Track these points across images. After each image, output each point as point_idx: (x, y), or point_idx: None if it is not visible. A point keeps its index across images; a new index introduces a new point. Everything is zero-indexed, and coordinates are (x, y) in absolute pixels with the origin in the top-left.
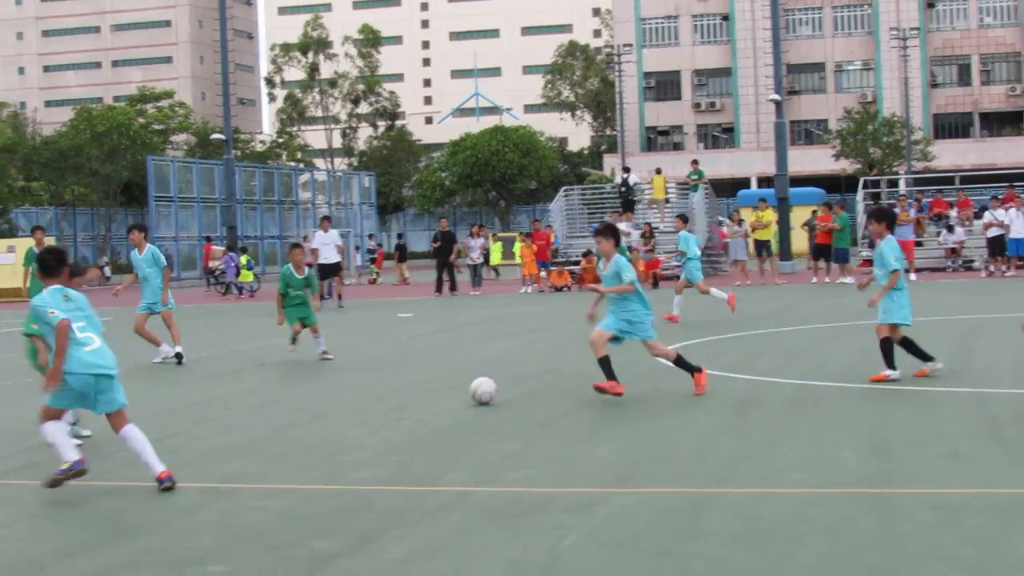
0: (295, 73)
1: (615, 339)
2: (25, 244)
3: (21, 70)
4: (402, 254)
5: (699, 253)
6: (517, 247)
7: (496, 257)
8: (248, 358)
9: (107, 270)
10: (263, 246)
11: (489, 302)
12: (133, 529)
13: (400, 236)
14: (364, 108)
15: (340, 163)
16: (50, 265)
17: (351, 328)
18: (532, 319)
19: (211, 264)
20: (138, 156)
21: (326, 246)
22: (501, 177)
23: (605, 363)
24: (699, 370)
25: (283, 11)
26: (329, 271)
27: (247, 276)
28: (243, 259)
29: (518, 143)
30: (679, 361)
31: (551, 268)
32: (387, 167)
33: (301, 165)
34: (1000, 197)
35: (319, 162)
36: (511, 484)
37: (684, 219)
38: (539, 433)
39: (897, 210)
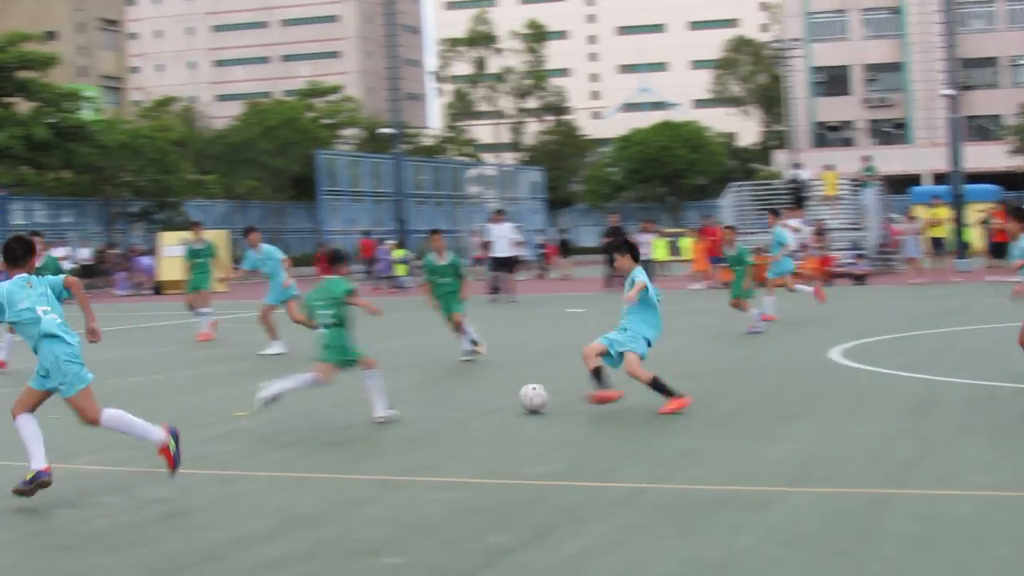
0: (462, 68)
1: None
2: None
3: (192, 65)
4: (565, 250)
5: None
6: (685, 243)
7: (660, 253)
8: (413, 352)
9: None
10: None
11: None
12: (308, 520)
13: (563, 231)
14: (531, 103)
15: (508, 158)
16: (16, 255)
17: (521, 323)
18: (702, 315)
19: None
20: (308, 150)
21: (499, 240)
22: (670, 172)
23: (655, 384)
24: (678, 396)
25: (450, 6)
26: (502, 264)
27: (401, 270)
28: (399, 253)
29: (687, 138)
30: (655, 384)
31: (722, 264)
32: (555, 162)
33: (470, 160)
34: None
35: (488, 157)
36: (685, 481)
37: (776, 214)
38: (713, 430)
39: None
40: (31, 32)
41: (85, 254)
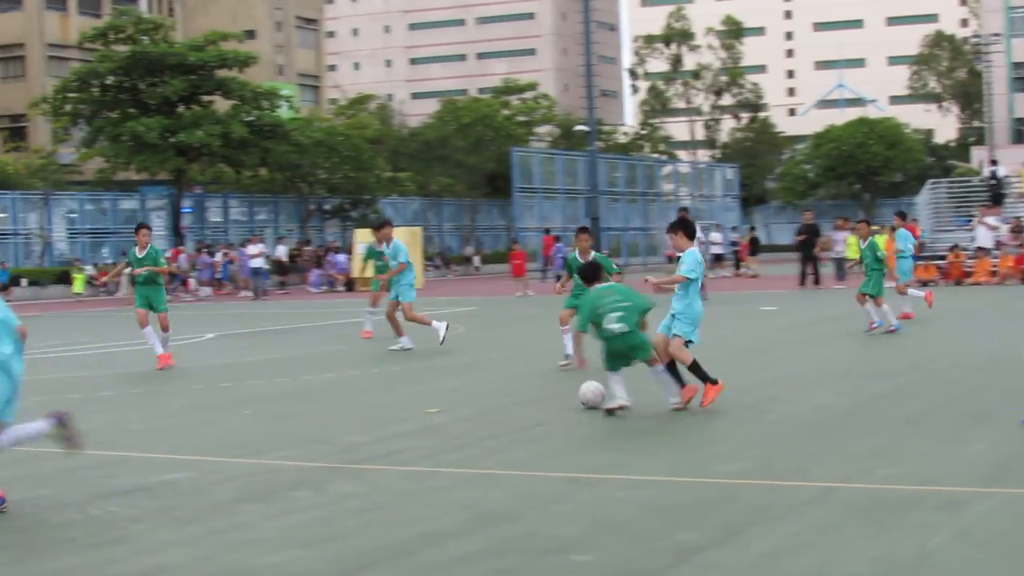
0: (658, 65)
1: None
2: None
3: (388, 63)
4: (754, 247)
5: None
6: (881, 240)
7: (854, 251)
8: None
9: (477, 260)
10: (626, 238)
11: (853, 296)
12: (498, 517)
13: (752, 229)
14: (727, 100)
15: (703, 155)
16: None
17: (713, 321)
18: (897, 313)
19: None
20: (502, 148)
21: None
22: (866, 170)
23: (694, 368)
24: (714, 382)
25: (646, 2)
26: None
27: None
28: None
29: (883, 135)
30: (694, 368)
31: (917, 262)
32: (750, 159)
33: (664, 157)
34: None
35: (682, 154)
36: (878, 481)
37: (902, 216)
38: (906, 429)
39: None
40: (230, 31)
41: (281, 251)
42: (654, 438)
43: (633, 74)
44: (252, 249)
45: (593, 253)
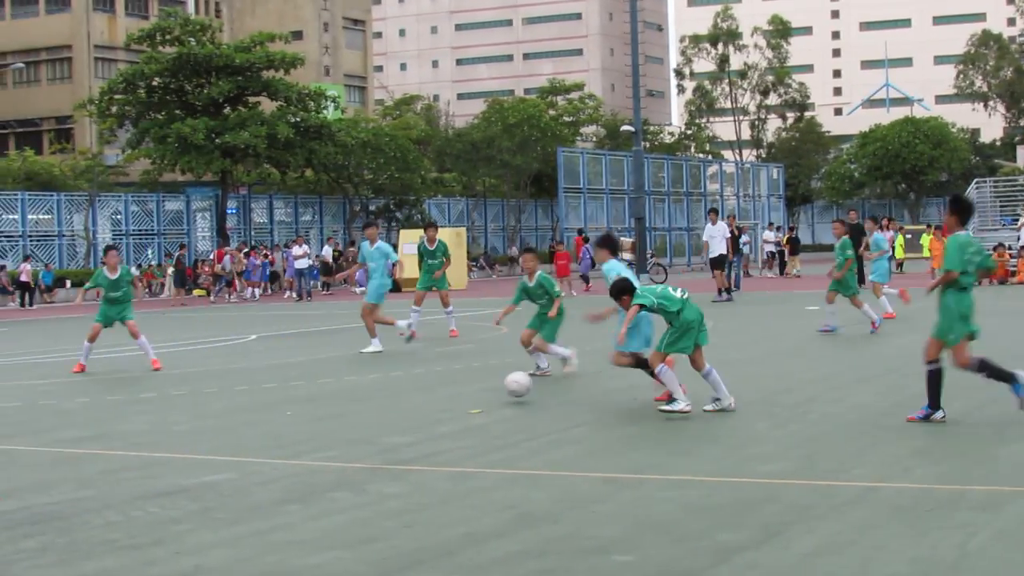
0: (704, 65)
1: None
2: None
3: (435, 63)
4: (794, 247)
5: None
6: (926, 240)
7: (900, 251)
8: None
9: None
10: (671, 237)
11: (897, 296)
12: (539, 517)
13: (792, 229)
14: (773, 99)
15: (748, 155)
16: None
17: (756, 320)
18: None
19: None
20: (548, 148)
21: (713, 239)
22: (911, 169)
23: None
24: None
25: (693, 2)
26: (716, 263)
27: None
28: None
29: (929, 134)
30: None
31: None
32: (796, 159)
33: (709, 157)
34: None
35: (727, 153)
36: (919, 480)
37: (875, 220)
38: (947, 429)
39: None
40: (277, 32)
41: (326, 252)
42: (694, 438)
43: (679, 74)
44: (297, 250)
45: (538, 273)
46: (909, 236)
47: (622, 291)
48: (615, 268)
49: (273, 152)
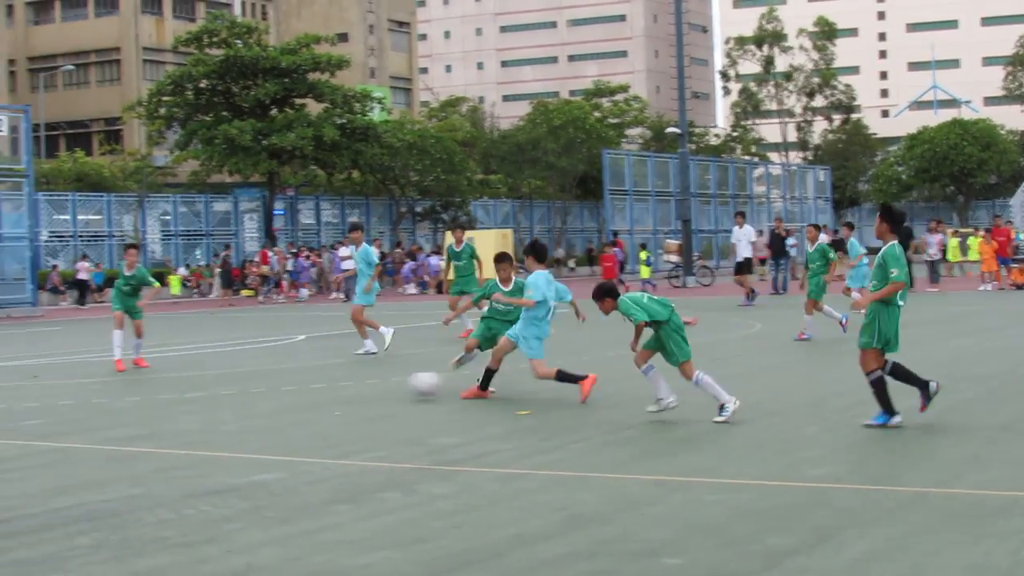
0: (749, 67)
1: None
2: (482, 236)
3: (480, 65)
4: (837, 249)
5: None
6: (974, 243)
7: (953, 254)
8: (693, 351)
9: (572, 263)
10: (717, 240)
11: (946, 299)
12: (588, 519)
13: (835, 232)
14: (819, 101)
15: (795, 157)
16: None
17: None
18: (991, 317)
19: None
20: (593, 150)
21: (739, 243)
22: (959, 171)
23: (561, 377)
24: (583, 377)
25: (738, 4)
26: (742, 267)
27: (645, 272)
28: (643, 255)
29: (977, 136)
30: (560, 376)
31: (1012, 265)
32: (842, 161)
33: (755, 159)
34: None
35: (773, 156)
36: (971, 486)
37: (851, 226)
38: (999, 435)
39: None
40: (323, 34)
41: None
42: (744, 442)
43: (724, 76)
44: (344, 251)
45: (515, 279)
46: (960, 240)
47: (608, 293)
48: (539, 278)
49: (319, 154)
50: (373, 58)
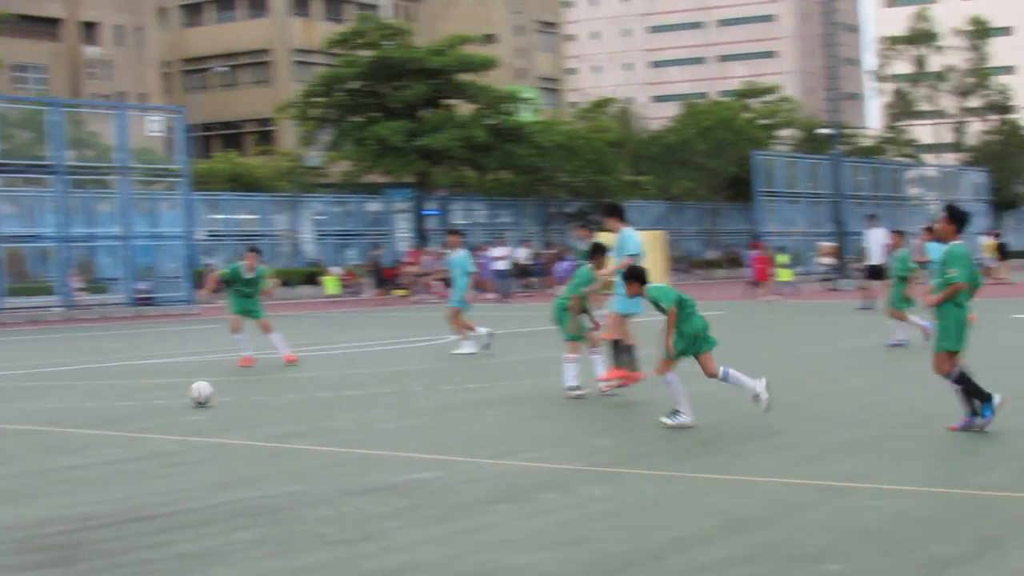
0: (901, 66)
1: None
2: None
3: (628, 66)
4: (1003, 253)
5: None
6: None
7: None
8: (842, 355)
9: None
10: None
11: None
12: (747, 523)
13: (998, 235)
14: (974, 102)
15: (950, 158)
16: None
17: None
18: None
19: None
20: (743, 151)
21: (872, 245)
22: None
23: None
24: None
25: (890, 3)
26: (875, 273)
27: (785, 275)
28: (781, 258)
29: None
30: None
31: None
32: (1000, 162)
33: (909, 160)
34: None
35: (928, 157)
36: None
37: (930, 231)
38: None
39: None
40: (470, 35)
41: (521, 254)
42: (905, 448)
43: (877, 76)
44: (496, 252)
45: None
46: None
47: (636, 277)
48: (630, 238)
49: (470, 154)
50: (521, 59)
